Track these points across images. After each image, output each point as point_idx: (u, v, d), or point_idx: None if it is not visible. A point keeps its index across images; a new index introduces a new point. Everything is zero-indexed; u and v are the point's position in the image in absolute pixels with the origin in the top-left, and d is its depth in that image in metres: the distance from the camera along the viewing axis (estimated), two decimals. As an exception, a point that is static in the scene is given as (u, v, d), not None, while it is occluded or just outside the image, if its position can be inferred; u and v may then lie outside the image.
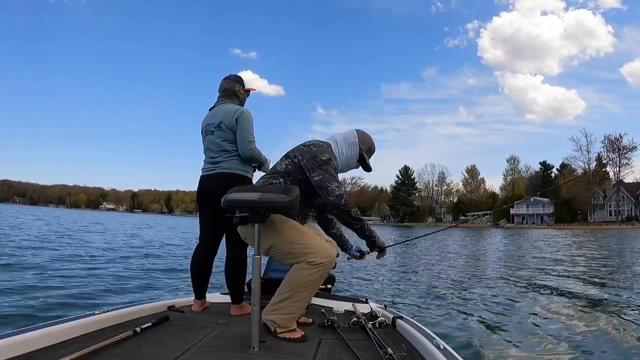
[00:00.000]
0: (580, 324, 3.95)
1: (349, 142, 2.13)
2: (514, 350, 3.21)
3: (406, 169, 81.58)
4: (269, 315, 1.89)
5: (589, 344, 3.35)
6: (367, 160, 2.19)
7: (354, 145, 2.13)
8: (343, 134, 2.18)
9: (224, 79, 2.60)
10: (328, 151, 2.00)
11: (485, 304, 4.92)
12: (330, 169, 1.95)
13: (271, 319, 1.88)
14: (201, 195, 2.46)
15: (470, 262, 10.27)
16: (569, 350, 3.20)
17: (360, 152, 2.15)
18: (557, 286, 6.37)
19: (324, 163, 1.95)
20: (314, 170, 1.94)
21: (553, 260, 10.58)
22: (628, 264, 10.03)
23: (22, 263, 6.72)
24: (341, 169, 2.13)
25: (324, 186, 1.93)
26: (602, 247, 16.31)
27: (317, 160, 1.95)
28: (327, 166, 1.95)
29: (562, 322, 4.04)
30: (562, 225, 55.01)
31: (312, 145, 2.02)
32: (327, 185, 1.92)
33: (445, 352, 1.54)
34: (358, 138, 2.16)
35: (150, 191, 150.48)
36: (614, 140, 59.49)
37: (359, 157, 2.16)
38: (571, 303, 5.04)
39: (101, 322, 1.87)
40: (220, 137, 2.41)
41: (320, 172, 1.94)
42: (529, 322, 4.06)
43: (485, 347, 3.27)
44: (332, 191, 1.92)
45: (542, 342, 3.38)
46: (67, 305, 4.06)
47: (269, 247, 1.90)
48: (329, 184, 1.92)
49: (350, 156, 2.13)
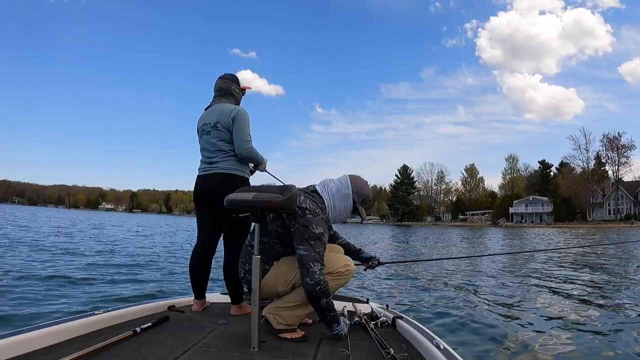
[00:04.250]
0: (580, 324, 3.95)
1: (342, 193, 1.96)
2: (514, 350, 3.21)
3: (405, 168, 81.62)
4: (279, 311, 1.89)
5: (589, 344, 3.35)
6: (362, 212, 2.03)
7: (347, 198, 1.97)
8: (336, 184, 1.99)
9: (219, 78, 2.60)
10: (322, 224, 1.82)
11: (485, 303, 4.92)
12: (319, 245, 1.78)
13: (279, 314, 1.88)
14: (198, 195, 2.45)
15: (470, 261, 10.26)
16: (569, 350, 3.20)
17: (354, 204, 1.99)
18: (558, 286, 6.38)
19: (314, 237, 1.77)
20: (302, 242, 1.77)
21: (553, 260, 10.59)
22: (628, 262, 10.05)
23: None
24: (333, 221, 2.02)
25: (305, 265, 1.75)
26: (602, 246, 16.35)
27: (307, 233, 1.77)
28: (317, 242, 1.77)
29: (562, 322, 4.03)
30: (561, 224, 55.05)
31: (308, 211, 1.81)
32: (309, 267, 1.75)
33: (445, 352, 1.55)
34: (352, 189, 1.97)
35: (149, 191, 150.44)
36: (613, 139, 59.55)
37: (353, 209, 2.00)
38: (572, 303, 5.05)
39: (101, 322, 1.87)
40: (217, 137, 2.41)
41: (306, 248, 1.76)
42: (529, 321, 4.06)
43: (486, 347, 3.27)
44: (312, 274, 1.74)
45: (542, 342, 3.38)
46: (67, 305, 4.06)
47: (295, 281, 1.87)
48: (312, 265, 1.74)
49: (344, 209, 1.98)
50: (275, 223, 1.89)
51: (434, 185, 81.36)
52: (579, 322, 4.00)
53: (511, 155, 75.01)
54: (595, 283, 6.60)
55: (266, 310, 1.90)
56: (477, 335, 3.57)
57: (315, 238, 1.78)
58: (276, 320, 1.89)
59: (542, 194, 65.83)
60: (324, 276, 1.76)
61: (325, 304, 1.78)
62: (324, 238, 1.82)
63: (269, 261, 1.91)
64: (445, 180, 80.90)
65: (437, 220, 76.07)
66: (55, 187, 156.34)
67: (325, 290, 1.75)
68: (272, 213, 1.87)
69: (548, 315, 4.32)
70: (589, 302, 5.04)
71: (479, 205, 71.44)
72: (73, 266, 6.87)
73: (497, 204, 67.21)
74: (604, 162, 62.03)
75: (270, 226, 1.90)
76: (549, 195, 64.04)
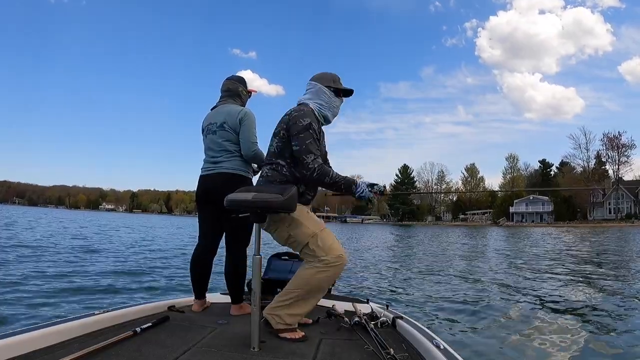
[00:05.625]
0: (581, 324, 3.95)
1: (315, 92, 2.08)
2: (514, 350, 3.21)
3: (405, 167, 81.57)
4: (275, 310, 1.89)
5: (590, 344, 3.35)
6: (341, 88, 2.13)
7: (321, 92, 2.08)
8: (307, 92, 2.11)
9: (227, 79, 2.60)
10: (309, 115, 1.96)
11: (485, 303, 4.92)
12: (308, 136, 1.91)
13: (277, 314, 1.88)
14: (201, 194, 2.45)
15: (470, 261, 10.27)
16: (570, 350, 3.20)
17: (331, 89, 2.10)
18: (558, 286, 6.38)
19: (303, 130, 1.91)
20: (294, 139, 1.92)
21: (553, 260, 10.59)
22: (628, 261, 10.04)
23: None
24: (332, 116, 2.12)
25: (300, 158, 1.92)
26: (602, 244, 16.34)
27: (297, 127, 1.92)
28: (306, 133, 1.91)
29: (562, 322, 4.04)
30: (562, 223, 55.01)
31: (294, 111, 1.99)
32: (303, 159, 1.90)
33: (445, 352, 1.54)
34: (318, 84, 2.10)
35: (149, 191, 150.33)
36: (613, 138, 59.52)
37: (334, 94, 2.11)
38: (572, 303, 5.05)
39: (101, 322, 1.87)
40: (223, 137, 2.41)
41: (298, 142, 1.91)
42: (530, 321, 4.07)
43: (486, 347, 3.27)
44: (306, 164, 1.89)
45: (542, 342, 3.38)
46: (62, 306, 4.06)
47: (287, 236, 1.94)
48: (305, 156, 1.90)
49: (328, 102, 2.08)
50: (275, 139, 2.00)
51: (435, 184, 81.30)
52: (580, 322, 4.00)
53: (511, 155, 75.16)
54: (596, 283, 6.60)
55: (265, 311, 1.91)
56: (477, 335, 3.57)
57: (304, 130, 1.91)
58: (275, 320, 1.89)
59: (542, 193, 65.76)
60: (317, 163, 1.91)
61: (330, 180, 1.92)
62: (313, 127, 1.94)
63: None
64: (446, 179, 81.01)
65: (437, 220, 76.04)
66: (56, 187, 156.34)
67: (322, 171, 1.90)
68: (272, 213, 1.87)
69: (549, 315, 4.31)
70: (590, 301, 5.04)
71: (479, 205, 71.43)
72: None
73: (497, 204, 67.19)
74: (604, 162, 62.05)
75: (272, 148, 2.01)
76: (550, 195, 63.96)
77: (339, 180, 1.93)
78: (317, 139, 1.98)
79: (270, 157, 2.03)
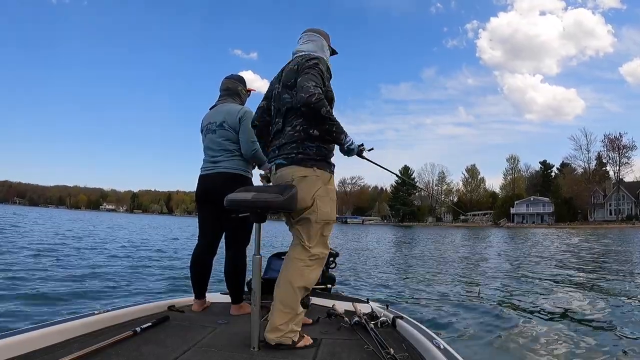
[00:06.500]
0: (581, 325, 3.94)
1: (321, 46, 2.04)
2: (515, 350, 3.20)
3: (406, 168, 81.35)
4: (283, 330, 1.72)
5: (590, 344, 3.35)
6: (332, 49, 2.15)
7: (325, 49, 2.06)
8: (309, 42, 2.04)
9: (226, 78, 2.60)
10: (323, 63, 1.89)
11: (485, 304, 4.92)
12: (313, 71, 1.79)
13: (287, 337, 1.72)
14: (201, 194, 2.45)
15: (470, 262, 10.26)
16: (570, 350, 3.20)
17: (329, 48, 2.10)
18: (558, 287, 6.37)
19: (310, 67, 1.81)
20: (300, 75, 1.81)
21: (554, 260, 10.58)
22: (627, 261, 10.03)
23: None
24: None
25: (300, 86, 1.75)
26: (603, 245, 16.32)
27: (304, 67, 1.82)
28: (311, 70, 1.80)
29: (563, 322, 4.03)
30: (563, 224, 54.94)
31: (302, 57, 1.91)
32: (303, 85, 1.73)
33: (445, 352, 1.54)
34: (323, 38, 2.07)
35: (150, 191, 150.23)
36: (614, 140, 59.42)
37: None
38: (572, 303, 5.04)
39: (101, 322, 1.87)
40: (222, 136, 2.41)
41: (302, 78, 1.78)
42: (530, 321, 4.06)
43: (486, 347, 3.27)
44: (305, 89, 1.71)
45: (543, 342, 3.38)
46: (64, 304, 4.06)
47: (329, 211, 1.82)
48: (306, 82, 1.73)
49: (328, 56, 2.07)
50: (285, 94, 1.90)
51: (435, 185, 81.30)
52: (580, 322, 3.99)
53: (512, 156, 75.02)
54: (597, 282, 6.59)
55: (274, 336, 1.72)
56: (477, 335, 3.57)
57: (310, 67, 1.80)
58: (289, 340, 1.72)
59: (543, 195, 65.73)
60: (318, 90, 1.72)
61: (327, 113, 1.74)
62: (319, 66, 1.83)
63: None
64: (446, 180, 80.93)
65: (438, 220, 75.93)
66: (56, 187, 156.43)
67: (321, 99, 1.71)
68: (272, 213, 1.86)
69: (549, 315, 4.31)
70: (590, 301, 5.03)
71: (480, 206, 71.34)
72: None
73: (498, 205, 67.13)
74: (605, 163, 61.98)
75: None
76: (550, 196, 63.90)
77: (334, 118, 1.79)
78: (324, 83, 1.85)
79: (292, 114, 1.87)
